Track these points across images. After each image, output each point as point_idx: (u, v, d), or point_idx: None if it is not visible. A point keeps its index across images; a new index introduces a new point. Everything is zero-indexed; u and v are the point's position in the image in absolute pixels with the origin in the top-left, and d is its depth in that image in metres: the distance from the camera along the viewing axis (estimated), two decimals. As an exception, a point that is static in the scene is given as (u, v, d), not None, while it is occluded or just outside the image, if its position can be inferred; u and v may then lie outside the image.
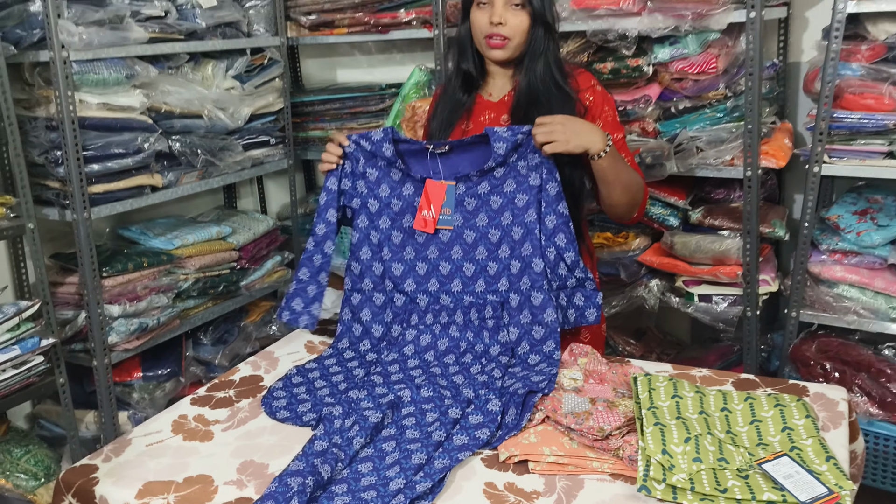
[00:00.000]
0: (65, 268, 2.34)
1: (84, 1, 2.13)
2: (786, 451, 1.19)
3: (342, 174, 1.67)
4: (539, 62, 1.63)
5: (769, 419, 1.27)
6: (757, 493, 1.09)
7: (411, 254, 1.64)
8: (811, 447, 1.20)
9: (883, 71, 2.07)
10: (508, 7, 1.60)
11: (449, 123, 1.73)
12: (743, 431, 1.26)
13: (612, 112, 1.69)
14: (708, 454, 1.18)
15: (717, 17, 2.11)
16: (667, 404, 1.29)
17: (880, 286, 2.17)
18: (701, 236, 2.34)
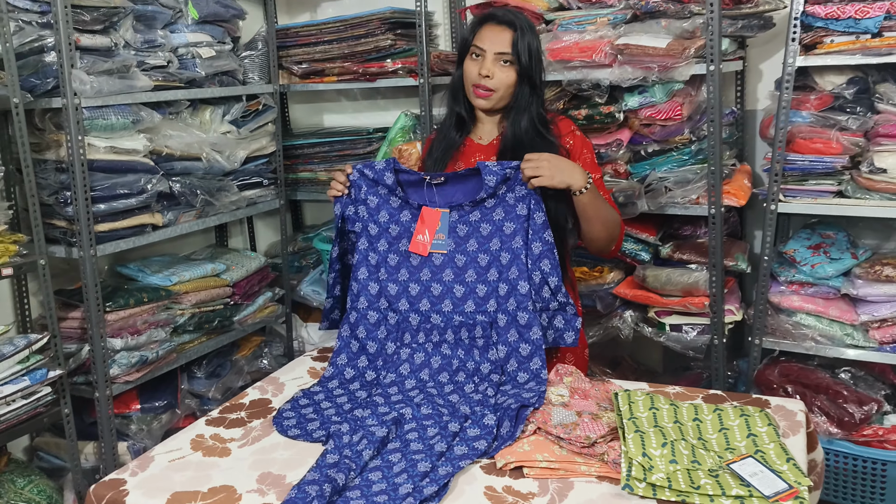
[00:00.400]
0: (67, 303, 2.43)
1: (95, 52, 2.27)
2: (751, 453, 1.34)
3: (347, 201, 1.82)
4: (524, 116, 1.80)
5: (735, 427, 1.42)
6: (726, 489, 1.24)
7: (405, 275, 1.79)
8: (773, 450, 1.35)
9: (830, 118, 2.29)
10: (497, 62, 1.78)
11: (443, 161, 1.89)
12: (712, 438, 1.41)
13: (591, 154, 1.87)
14: (682, 457, 1.32)
15: (680, 69, 2.31)
16: (645, 415, 1.44)
17: (835, 314, 2.35)
18: (671, 270, 2.51)
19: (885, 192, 2.23)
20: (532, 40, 1.81)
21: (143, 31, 2.43)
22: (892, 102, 2.21)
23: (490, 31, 1.81)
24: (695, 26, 2.32)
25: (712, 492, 1.24)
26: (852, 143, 2.26)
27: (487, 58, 1.78)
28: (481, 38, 1.81)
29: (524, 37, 1.79)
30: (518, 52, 1.78)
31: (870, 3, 2.11)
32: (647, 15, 2.42)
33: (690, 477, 1.28)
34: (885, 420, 2.34)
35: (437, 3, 3.15)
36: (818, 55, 2.22)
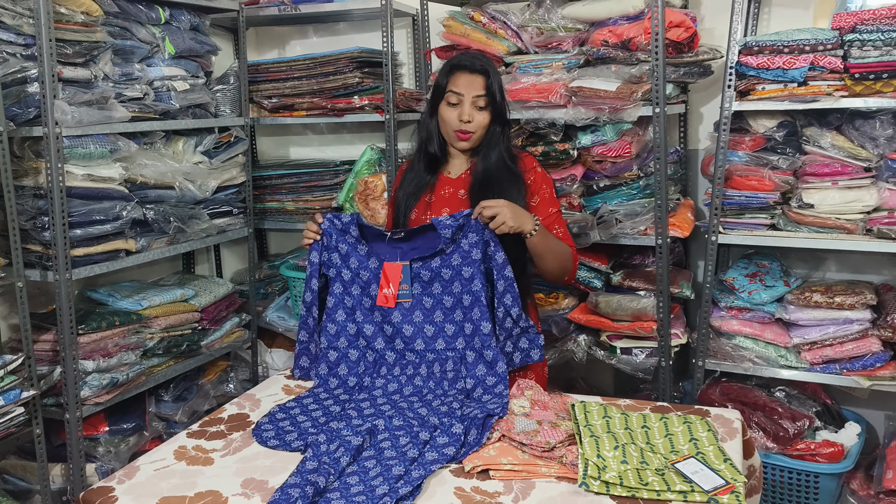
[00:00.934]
0: (38, 326, 2.47)
1: (76, 83, 2.36)
2: (693, 455, 1.49)
3: (321, 247, 1.94)
4: (494, 152, 1.96)
5: (679, 433, 1.58)
6: (671, 486, 1.39)
7: (379, 317, 1.92)
8: (712, 452, 1.51)
9: (763, 158, 2.51)
10: (474, 107, 1.94)
11: (415, 196, 2.03)
12: (659, 442, 1.56)
13: (550, 190, 2.03)
14: (632, 458, 1.47)
15: (629, 110, 2.51)
16: (598, 422, 1.58)
17: (770, 337, 2.55)
18: (621, 296, 2.68)
19: (812, 225, 2.45)
20: (499, 81, 1.98)
21: (122, 64, 2.53)
22: (817, 144, 2.44)
23: (465, 78, 1.97)
24: (642, 72, 2.52)
25: (658, 487, 1.38)
26: (783, 180, 2.48)
27: (466, 103, 1.94)
28: (457, 85, 1.96)
29: (495, 80, 1.96)
30: (492, 95, 1.94)
31: (796, 56, 2.34)
32: (598, 60, 2.62)
33: (640, 475, 1.42)
34: (816, 435, 2.54)
35: (402, 44, 3.32)
36: (751, 101, 2.44)
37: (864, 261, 2.75)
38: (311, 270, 1.95)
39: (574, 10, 2.67)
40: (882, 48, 2.24)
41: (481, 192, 1.93)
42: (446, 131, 2.00)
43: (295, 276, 3.06)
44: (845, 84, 2.32)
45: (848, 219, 2.41)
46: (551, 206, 1.99)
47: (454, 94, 1.96)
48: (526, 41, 2.74)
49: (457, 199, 1.98)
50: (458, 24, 2.82)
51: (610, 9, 2.60)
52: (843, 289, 2.50)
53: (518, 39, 2.75)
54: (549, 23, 2.71)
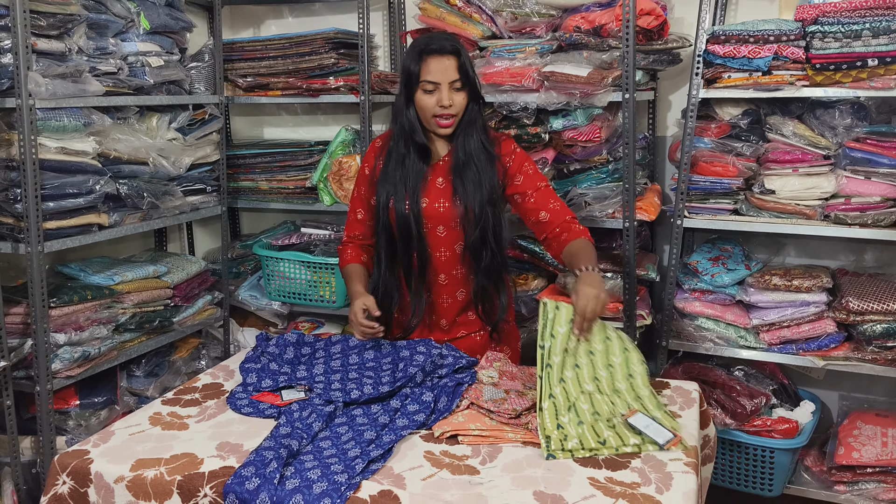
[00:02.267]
0: (9, 299, 2.47)
1: (50, 56, 2.35)
2: (638, 408, 1.57)
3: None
4: (472, 131, 1.99)
5: (618, 366, 1.67)
6: (625, 440, 1.46)
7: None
8: (648, 399, 1.60)
9: (728, 145, 2.59)
10: (452, 90, 1.95)
11: (415, 190, 2.00)
12: (603, 377, 1.64)
13: (533, 166, 2.07)
14: (585, 414, 1.54)
15: (599, 96, 2.56)
16: (563, 330, 1.66)
17: (730, 318, 2.64)
18: (588, 277, 2.75)
19: (773, 210, 2.54)
20: (468, 61, 2.00)
21: (96, 38, 2.53)
22: (780, 132, 2.53)
23: (437, 63, 1.93)
24: (612, 59, 2.58)
25: (615, 444, 1.46)
26: (746, 167, 2.56)
27: (443, 89, 1.93)
28: (431, 73, 1.93)
29: (466, 58, 1.98)
30: (465, 74, 1.96)
31: (761, 45, 2.42)
32: (570, 46, 2.67)
33: (595, 431, 1.50)
34: (773, 412, 2.63)
35: (378, 26, 3.35)
36: (718, 89, 2.51)
37: (822, 246, 2.85)
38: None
39: (548, -5, 2.72)
40: (842, 40, 2.32)
41: (462, 173, 1.96)
42: (426, 118, 1.98)
43: (267, 254, 3.08)
44: (807, 74, 2.40)
45: (807, 205, 2.50)
46: (539, 181, 2.02)
47: (429, 83, 1.93)
48: (500, 26, 2.78)
49: (436, 187, 2.02)
50: (433, 8, 2.85)
51: (583, -5, 2.65)
52: (800, 272, 2.60)
53: (492, 24, 2.79)
54: (523, 8, 2.75)
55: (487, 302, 2.06)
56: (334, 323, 3.36)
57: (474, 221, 1.97)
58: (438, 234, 2.03)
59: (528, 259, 2.88)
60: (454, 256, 2.05)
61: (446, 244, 2.04)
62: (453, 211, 2.00)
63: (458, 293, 2.08)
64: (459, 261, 2.05)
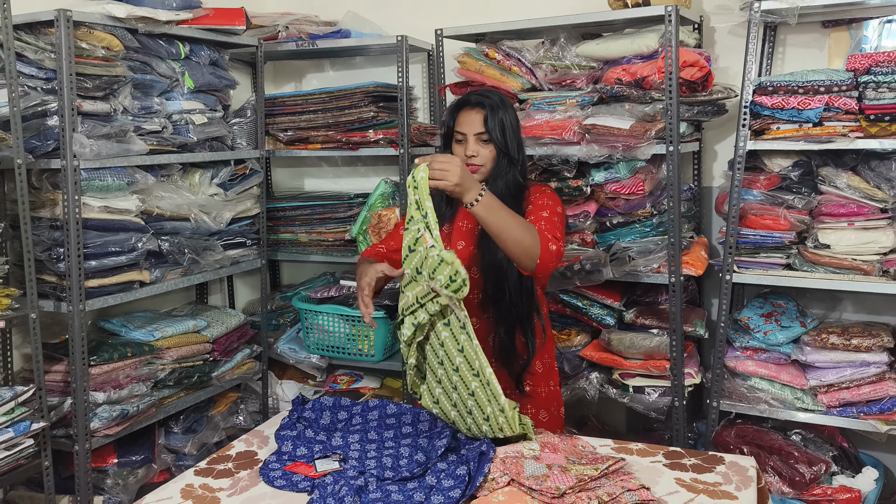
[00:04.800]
0: (50, 356, 2.48)
1: (95, 117, 2.40)
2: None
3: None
4: (499, 183, 1.96)
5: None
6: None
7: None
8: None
9: (778, 197, 2.50)
10: (478, 142, 1.96)
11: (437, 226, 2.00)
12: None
13: (546, 199, 1.96)
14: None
15: (642, 148, 2.51)
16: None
17: (786, 379, 2.51)
18: (634, 334, 2.66)
19: (829, 265, 2.43)
20: (505, 116, 1.97)
21: (141, 98, 2.57)
22: (833, 184, 2.43)
23: (466, 116, 1.99)
24: (655, 111, 2.53)
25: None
26: (798, 220, 2.46)
27: (469, 140, 1.96)
28: (460, 124, 2.00)
29: (495, 114, 1.96)
30: (490, 129, 1.95)
31: (811, 96, 2.34)
32: (612, 98, 2.63)
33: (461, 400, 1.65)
34: (833, 480, 2.48)
35: (417, 78, 3.36)
36: (766, 140, 2.43)
37: (881, 302, 2.71)
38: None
39: (588, 48, 2.69)
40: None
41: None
42: None
43: (307, 307, 3.07)
44: (860, 125, 2.31)
45: (864, 260, 2.39)
46: (541, 210, 1.93)
47: (459, 134, 2.00)
48: (540, 78, 2.75)
49: (459, 229, 2.01)
50: (472, 61, 2.85)
51: (624, 48, 2.61)
52: (859, 331, 2.47)
53: (532, 76, 2.76)
54: (563, 60, 2.72)
55: (505, 353, 1.99)
56: (372, 376, 3.31)
57: (492, 270, 1.93)
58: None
59: (570, 314, 2.81)
60: (477, 301, 2.01)
61: (471, 286, 1.98)
62: (474, 254, 1.97)
63: (489, 337, 2.02)
64: (480, 307, 2.01)
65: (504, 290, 1.94)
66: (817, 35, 2.72)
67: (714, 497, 1.53)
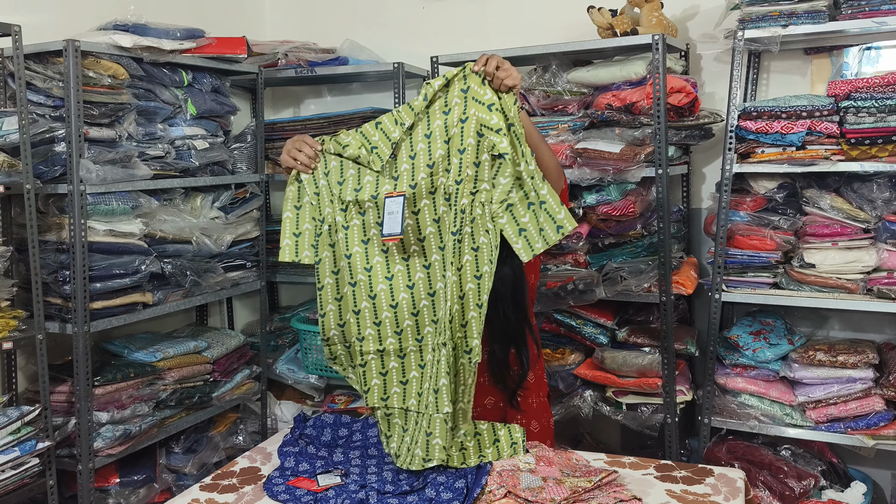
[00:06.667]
0: (54, 377, 2.53)
1: (101, 143, 2.47)
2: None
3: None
4: None
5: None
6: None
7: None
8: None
9: (764, 218, 2.58)
10: None
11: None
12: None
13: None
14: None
15: (633, 171, 2.59)
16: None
17: (775, 395, 2.57)
18: (626, 352, 2.71)
19: (814, 284, 2.50)
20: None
21: (145, 124, 2.64)
22: (817, 206, 2.51)
23: None
24: (645, 135, 2.61)
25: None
26: (784, 240, 2.54)
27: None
28: None
29: None
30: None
31: (794, 121, 2.43)
32: (602, 123, 2.71)
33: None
34: (822, 495, 2.54)
35: (413, 105, 3.43)
36: (752, 163, 2.52)
37: (866, 320, 2.78)
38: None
39: (579, 74, 2.78)
40: (876, 115, 2.32)
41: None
42: None
43: (305, 328, 3.12)
44: (842, 148, 2.40)
45: (849, 278, 2.46)
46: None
47: None
48: (532, 104, 2.84)
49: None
50: (467, 87, 2.93)
51: (613, 74, 2.70)
52: (845, 347, 2.53)
53: (525, 102, 2.85)
54: (555, 86, 2.81)
55: (498, 368, 2.02)
56: (371, 396, 3.35)
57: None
58: None
59: (564, 333, 2.87)
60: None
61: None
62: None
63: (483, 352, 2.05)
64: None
65: (497, 307, 1.98)
66: (800, 62, 2.82)
67: (704, 507, 1.58)
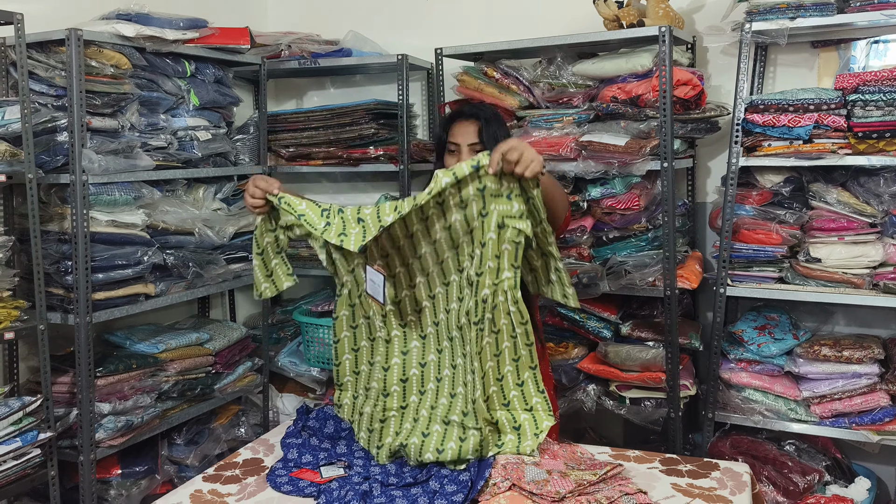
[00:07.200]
0: (56, 368, 2.52)
1: (103, 133, 2.45)
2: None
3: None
4: None
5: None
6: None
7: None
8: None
9: (770, 212, 2.56)
10: (471, 152, 2.00)
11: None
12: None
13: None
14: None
15: (638, 165, 2.57)
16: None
17: (779, 390, 2.56)
18: (630, 346, 2.70)
19: (820, 279, 2.48)
20: (498, 129, 2.04)
21: (148, 114, 2.63)
22: (823, 200, 2.49)
23: (460, 127, 2.04)
24: (650, 128, 2.59)
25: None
26: (790, 234, 2.52)
27: (462, 151, 2.01)
28: (453, 135, 2.04)
29: (489, 126, 2.02)
30: (484, 141, 2.01)
31: (801, 114, 2.41)
32: (607, 116, 2.70)
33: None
34: (826, 490, 2.53)
35: (416, 96, 3.42)
36: (758, 156, 2.50)
37: (872, 315, 2.77)
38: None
39: (584, 67, 2.76)
40: (884, 108, 2.30)
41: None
42: None
43: (307, 321, 3.11)
44: (849, 142, 2.38)
45: (855, 273, 2.45)
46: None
47: (452, 144, 2.04)
48: (537, 96, 2.82)
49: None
50: (471, 79, 2.92)
51: (619, 67, 2.68)
52: (851, 343, 2.52)
53: (530, 94, 2.83)
54: (560, 79, 2.79)
55: None
56: (373, 389, 3.34)
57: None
58: None
59: (568, 327, 2.86)
60: None
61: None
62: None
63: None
64: None
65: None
66: (807, 55, 2.80)
67: (710, 501, 1.58)
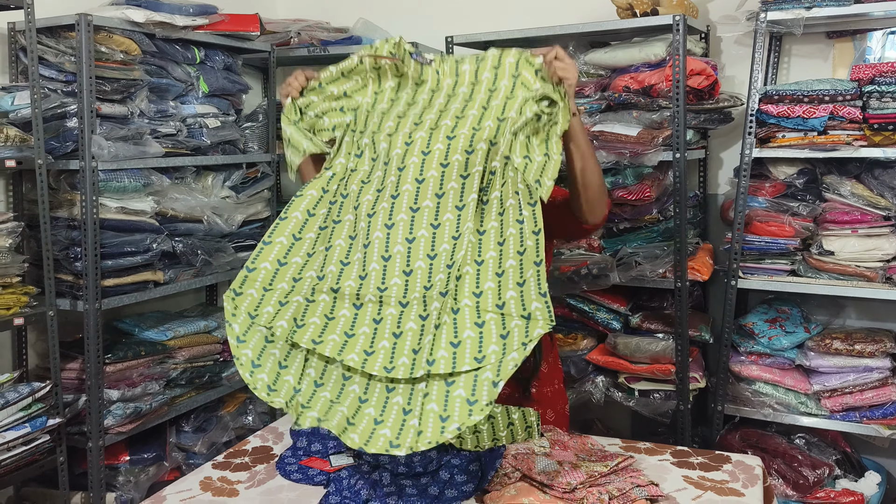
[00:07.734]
0: (65, 354, 2.52)
1: (112, 119, 2.45)
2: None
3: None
4: None
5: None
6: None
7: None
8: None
9: (783, 204, 2.54)
10: None
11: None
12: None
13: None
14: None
15: (649, 155, 2.55)
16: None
17: (790, 384, 2.55)
18: (640, 338, 2.69)
19: (833, 272, 2.46)
20: None
21: (157, 101, 2.62)
22: (837, 192, 2.47)
23: None
24: (662, 118, 2.57)
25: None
26: (803, 227, 2.50)
27: None
28: None
29: None
30: None
31: (815, 105, 2.38)
32: (619, 106, 2.67)
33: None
34: (836, 484, 2.51)
35: (426, 86, 3.40)
36: (772, 148, 2.48)
37: (884, 309, 2.74)
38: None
39: (597, 56, 2.74)
40: (901, 100, 2.28)
41: None
42: None
43: (316, 310, 3.10)
44: (864, 134, 2.35)
45: (868, 266, 2.43)
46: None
47: None
48: (549, 86, 2.79)
49: None
50: (482, 68, 2.89)
51: (632, 56, 2.66)
52: (862, 336, 2.50)
53: (541, 84, 2.81)
54: (571, 68, 2.77)
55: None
56: (380, 379, 3.34)
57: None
58: None
59: (577, 318, 2.84)
60: None
61: None
62: None
63: None
64: None
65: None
66: (822, 45, 2.77)
67: (721, 494, 1.57)
